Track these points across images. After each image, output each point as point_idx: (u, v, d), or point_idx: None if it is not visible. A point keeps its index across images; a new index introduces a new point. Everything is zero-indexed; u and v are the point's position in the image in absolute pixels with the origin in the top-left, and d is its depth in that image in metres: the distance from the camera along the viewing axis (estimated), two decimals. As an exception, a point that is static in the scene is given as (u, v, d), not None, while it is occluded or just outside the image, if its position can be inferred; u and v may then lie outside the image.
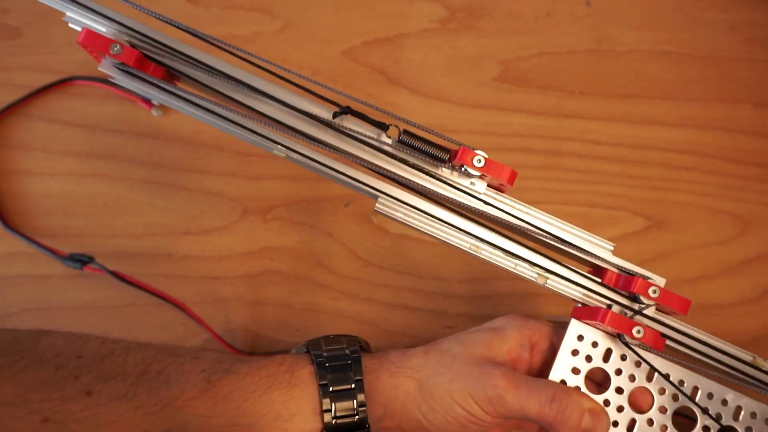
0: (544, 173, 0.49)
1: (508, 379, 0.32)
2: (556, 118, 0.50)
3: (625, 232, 0.48)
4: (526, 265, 0.34)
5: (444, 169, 0.34)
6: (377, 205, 0.33)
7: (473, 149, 0.33)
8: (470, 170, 0.33)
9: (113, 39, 0.32)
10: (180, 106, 0.33)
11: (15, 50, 0.49)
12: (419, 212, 0.34)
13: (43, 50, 0.49)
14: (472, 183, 0.34)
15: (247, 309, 0.45)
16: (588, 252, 0.34)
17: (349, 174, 0.33)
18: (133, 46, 0.32)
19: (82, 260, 0.44)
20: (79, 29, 0.33)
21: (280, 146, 0.33)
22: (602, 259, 0.35)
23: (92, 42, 0.32)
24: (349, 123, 0.33)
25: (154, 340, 0.44)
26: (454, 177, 0.34)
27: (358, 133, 0.33)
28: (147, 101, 0.48)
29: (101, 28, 0.33)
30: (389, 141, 0.33)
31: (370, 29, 0.51)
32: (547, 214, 0.35)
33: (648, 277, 0.34)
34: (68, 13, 0.33)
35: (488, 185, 0.34)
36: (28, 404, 0.28)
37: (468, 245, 0.34)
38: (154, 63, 0.33)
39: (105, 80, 0.47)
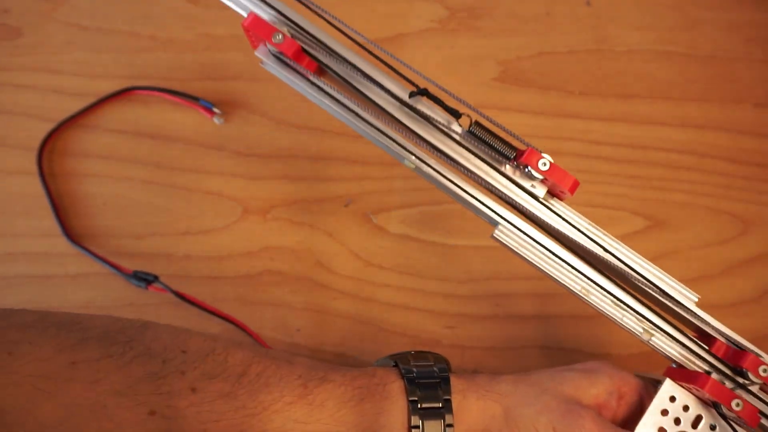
0: (544, 173, 0.49)
1: (595, 423, 0.32)
2: (556, 118, 0.50)
3: (625, 232, 0.48)
4: (633, 318, 0.34)
5: (508, 166, 0.33)
6: (496, 232, 0.33)
7: (540, 152, 0.32)
8: (534, 172, 0.32)
9: (277, 28, 0.32)
10: (325, 102, 0.33)
11: (15, 50, 0.49)
12: (536, 245, 0.33)
13: (43, 50, 0.49)
14: (533, 186, 0.33)
15: (247, 309, 0.45)
16: (673, 299, 0.33)
17: (474, 195, 0.33)
18: (292, 36, 0.33)
19: (146, 279, 0.44)
20: (242, 12, 0.33)
21: (412, 157, 0.33)
22: (716, 329, 0.34)
23: (257, 28, 0.32)
24: (423, 106, 0.33)
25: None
26: (516, 176, 0.33)
27: (430, 117, 0.33)
28: (208, 109, 0.48)
29: (264, 14, 0.33)
30: (459, 130, 0.33)
31: (370, 29, 0.51)
32: (632, 251, 0.34)
33: (760, 355, 0.34)
34: None
35: (548, 191, 0.33)
36: (136, 395, 0.28)
37: (579, 287, 0.33)
38: (309, 57, 0.33)
39: (162, 89, 0.48)
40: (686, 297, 0.34)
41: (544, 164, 0.32)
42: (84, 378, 0.28)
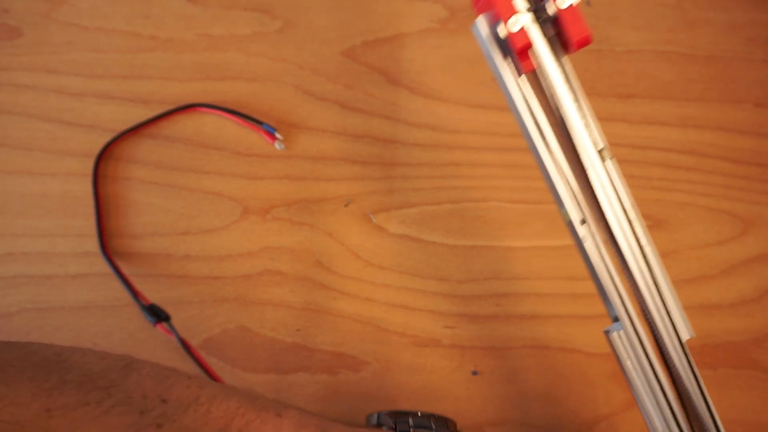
0: (544, 173, 0.49)
1: None
2: (556, 118, 0.50)
3: (625, 232, 0.48)
4: None
5: None
6: (614, 332, 0.30)
7: None
8: (547, 8, 0.27)
9: (520, 11, 0.27)
10: (518, 107, 0.29)
11: (15, 50, 0.49)
12: (643, 364, 0.30)
13: (43, 50, 0.49)
14: (544, 21, 0.28)
15: (247, 309, 0.45)
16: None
17: (617, 285, 0.30)
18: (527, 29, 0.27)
19: (159, 316, 0.43)
20: None
21: (572, 211, 0.29)
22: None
23: (500, 3, 0.27)
24: None
25: (153, 339, 0.44)
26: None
27: None
28: (270, 134, 0.48)
29: None
30: None
31: (370, 29, 0.51)
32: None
33: None
34: None
35: (556, 34, 0.28)
36: None
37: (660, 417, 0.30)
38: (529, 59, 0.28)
39: (226, 109, 0.48)
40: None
41: (563, 2, 0.27)
42: (58, 428, 0.26)
